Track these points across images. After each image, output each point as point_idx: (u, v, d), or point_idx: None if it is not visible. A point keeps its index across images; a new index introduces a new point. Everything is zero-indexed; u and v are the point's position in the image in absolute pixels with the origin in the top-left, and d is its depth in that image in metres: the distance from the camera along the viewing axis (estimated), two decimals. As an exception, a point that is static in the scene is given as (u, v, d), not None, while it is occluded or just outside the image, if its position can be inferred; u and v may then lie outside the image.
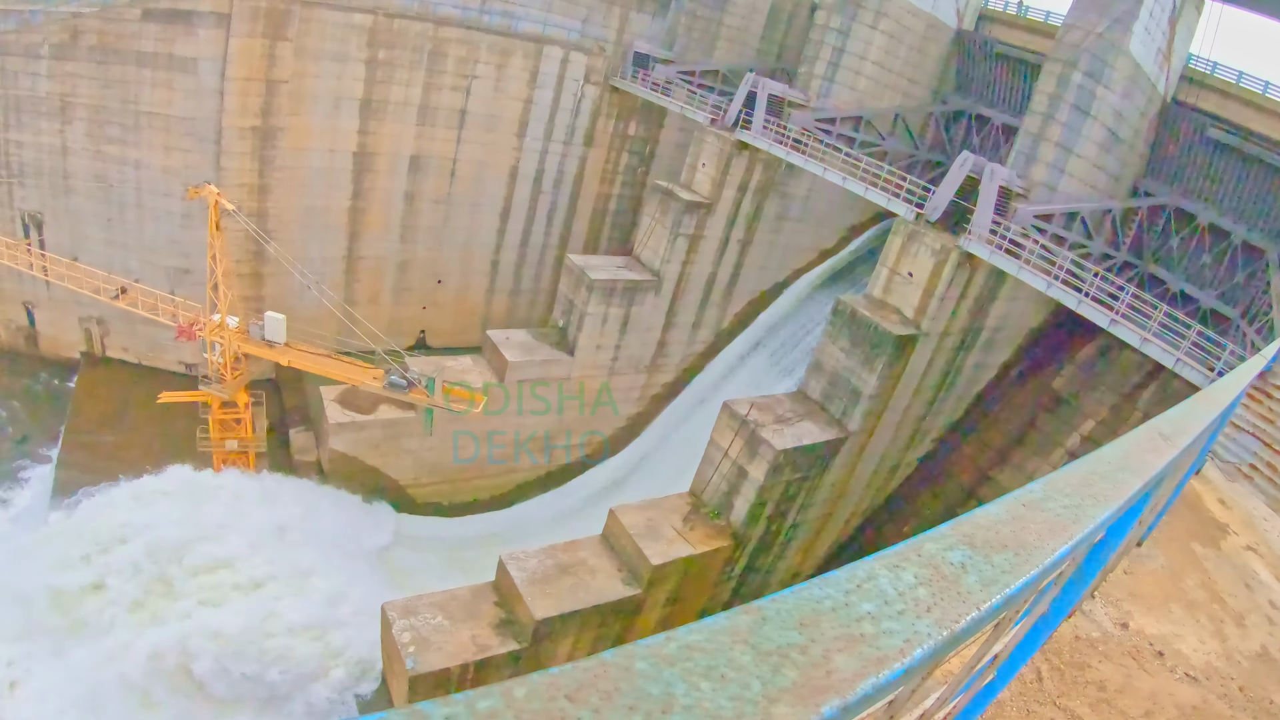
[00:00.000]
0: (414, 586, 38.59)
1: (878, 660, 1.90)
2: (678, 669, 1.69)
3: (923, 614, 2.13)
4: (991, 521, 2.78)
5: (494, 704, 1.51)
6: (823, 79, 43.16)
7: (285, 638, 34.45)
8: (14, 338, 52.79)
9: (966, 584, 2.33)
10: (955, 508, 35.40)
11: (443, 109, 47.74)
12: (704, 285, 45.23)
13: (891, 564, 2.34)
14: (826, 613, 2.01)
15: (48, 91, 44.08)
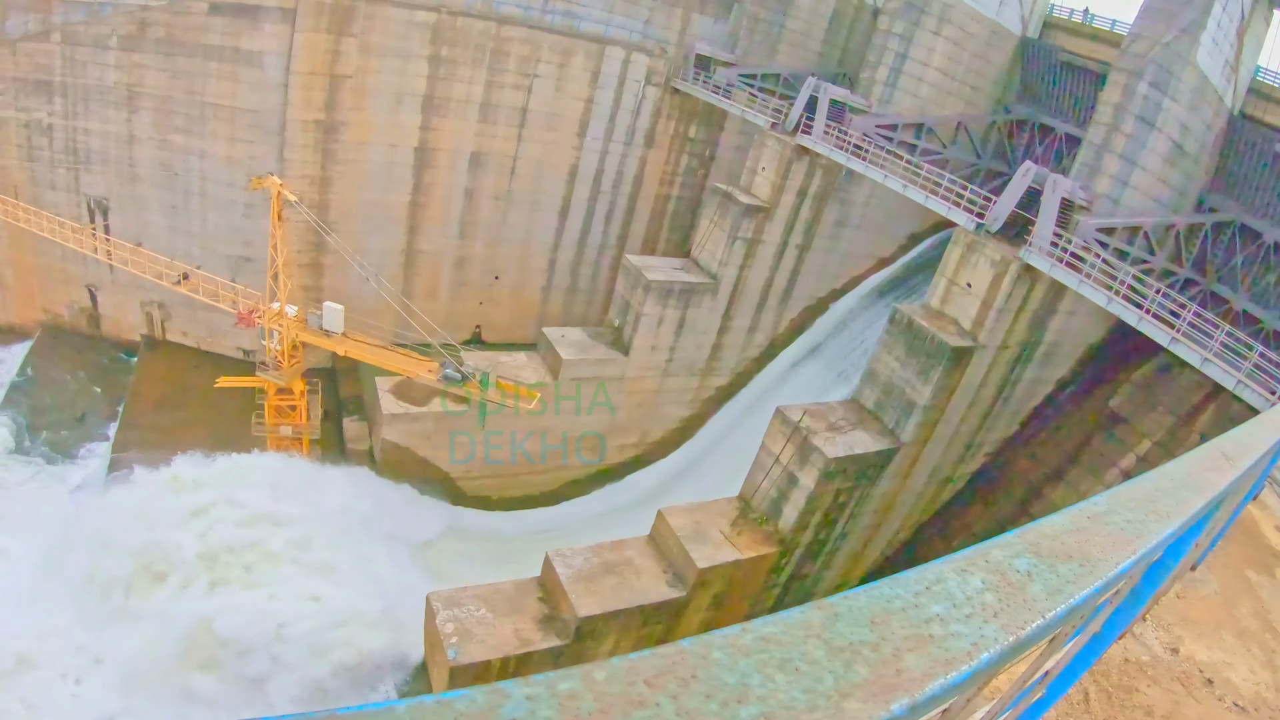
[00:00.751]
0: (459, 578, 38.93)
1: (946, 662, 1.99)
2: (753, 660, 1.83)
3: (989, 619, 2.21)
4: (1057, 531, 2.84)
5: (574, 686, 1.66)
6: (884, 85, 42.91)
7: (328, 622, 34.83)
8: (77, 319, 54.01)
9: (1032, 591, 2.40)
10: (1006, 524, 34.74)
11: (504, 107, 48.09)
12: (761, 290, 45.10)
13: (960, 568, 2.42)
14: (897, 612, 2.13)
15: (115, 81, 45.14)
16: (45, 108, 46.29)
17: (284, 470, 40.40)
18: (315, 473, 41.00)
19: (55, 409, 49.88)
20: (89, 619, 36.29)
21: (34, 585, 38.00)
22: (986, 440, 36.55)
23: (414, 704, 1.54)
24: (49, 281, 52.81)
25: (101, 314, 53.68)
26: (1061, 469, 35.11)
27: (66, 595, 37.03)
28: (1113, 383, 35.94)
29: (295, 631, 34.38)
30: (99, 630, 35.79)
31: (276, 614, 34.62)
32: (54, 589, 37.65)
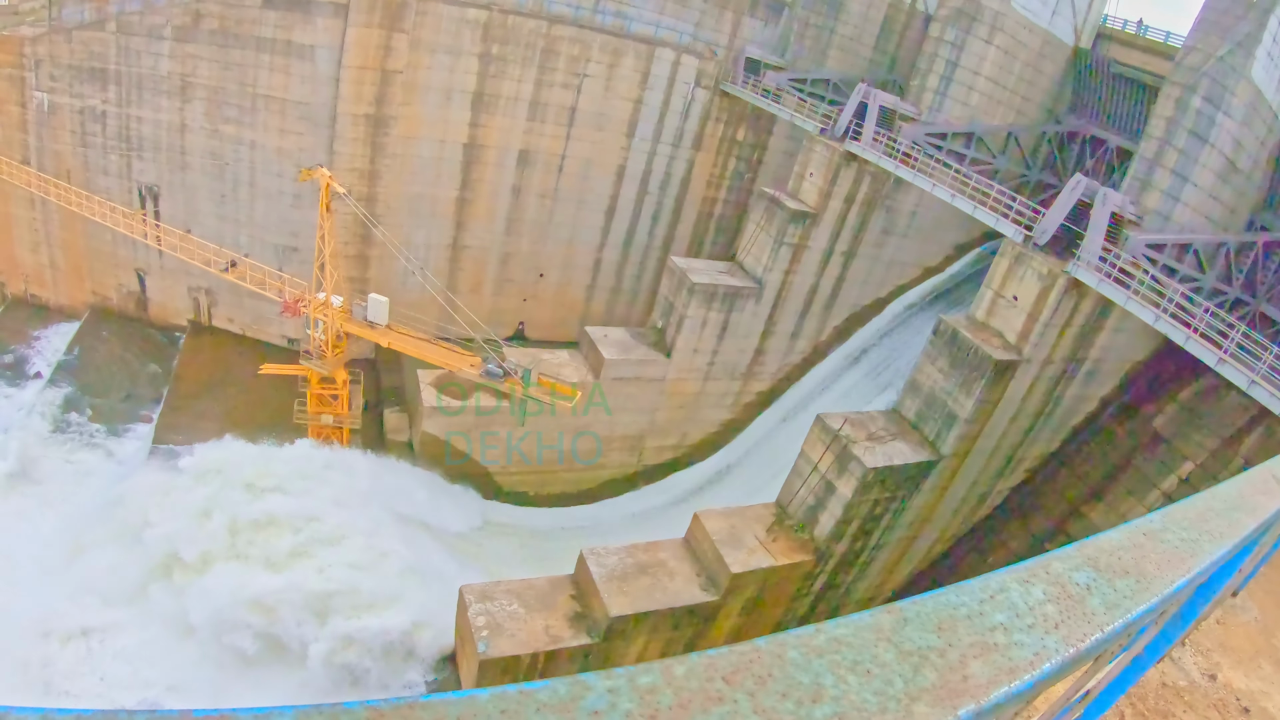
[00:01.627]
0: (492, 572, 39.51)
1: (1010, 670, 2.10)
2: (826, 660, 1.94)
3: (1051, 630, 2.31)
4: (1114, 546, 2.92)
5: (654, 680, 1.77)
6: (935, 92, 42.75)
7: (361, 609, 35.28)
8: (125, 302, 54.93)
9: (1091, 605, 2.50)
10: (1044, 542, 34.76)
11: (553, 105, 48.39)
12: (805, 296, 45.02)
13: (1022, 578, 2.53)
14: (962, 619, 2.24)
15: (169, 71, 46.06)
16: (99, 95, 47.23)
17: (323, 458, 40.86)
18: (354, 462, 41.35)
19: (100, 388, 50.76)
20: (124, 594, 37.22)
21: (71, 560, 39.01)
22: (1027, 456, 36.20)
23: (497, 693, 1.66)
24: (99, 264, 53.76)
25: (149, 298, 54.60)
26: (1101, 488, 34.78)
27: (103, 570, 37.95)
28: (1157, 402, 35.51)
29: (326, 616, 34.99)
30: (134, 606, 36.71)
31: (309, 599, 35.21)
32: (90, 564, 38.57)
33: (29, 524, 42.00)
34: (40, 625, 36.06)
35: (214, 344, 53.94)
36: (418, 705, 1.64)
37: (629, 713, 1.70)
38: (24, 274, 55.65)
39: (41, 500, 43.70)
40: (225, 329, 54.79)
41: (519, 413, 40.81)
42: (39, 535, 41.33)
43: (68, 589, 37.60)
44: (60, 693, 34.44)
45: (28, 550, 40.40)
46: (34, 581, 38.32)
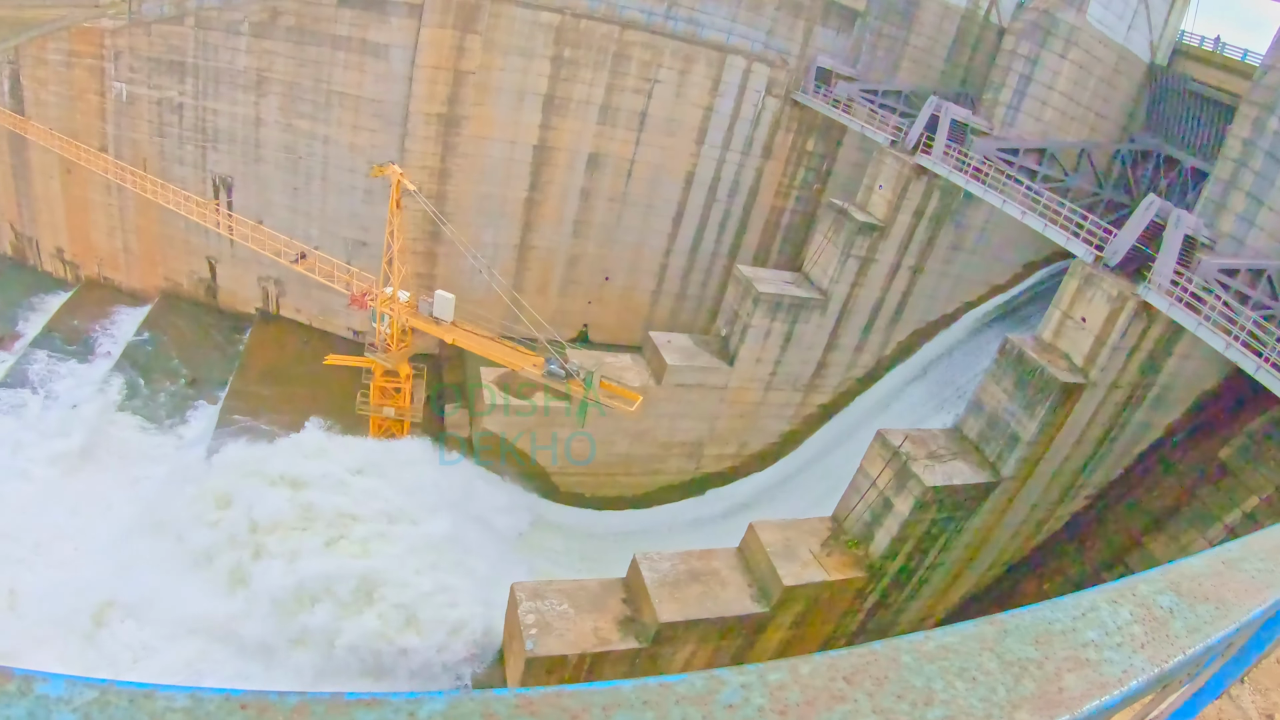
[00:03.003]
0: (544, 571, 40.07)
1: (1101, 685, 2.30)
2: (936, 666, 2.18)
3: (1137, 649, 2.51)
4: (1195, 573, 3.07)
5: (783, 677, 2.00)
6: (1007, 107, 42.45)
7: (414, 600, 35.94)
8: (196, 288, 56.28)
9: (1174, 628, 2.67)
10: (1101, 572, 34.27)
11: (624, 110, 48.78)
12: (870, 309, 44.89)
13: (1111, 598, 2.73)
14: (1057, 634, 2.47)
15: (245, 66, 47.43)
16: (176, 87, 48.71)
17: (383, 450, 41.75)
18: (413, 455, 42.00)
19: (168, 371, 52.09)
20: (182, 573, 38.23)
21: (132, 538, 40.25)
22: (1088, 482, 35.65)
23: (639, 684, 1.91)
24: (171, 251, 55.12)
25: (219, 285, 55.91)
26: (1163, 519, 34.17)
27: (162, 549, 39.07)
28: (1224, 433, 34.75)
29: (380, 605, 35.68)
30: (191, 585, 37.64)
31: (364, 587, 35.99)
32: (151, 543, 39.78)
33: (94, 500, 43.23)
34: (100, 599, 37.17)
35: (280, 333, 55.08)
36: (565, 694, 1.88)
37: (761, 708, 1.92)
38: (98, 257, 57.28)
39: (106, 477, 44.99)
40: (292, 319, 55.98)
41: (579, 414, 41.03)
42: (103, 511, 42.56)
43: (128, 565, 38.75)
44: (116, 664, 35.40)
45: (91, 525, 41.59)
46: (97, 556, 39.59)
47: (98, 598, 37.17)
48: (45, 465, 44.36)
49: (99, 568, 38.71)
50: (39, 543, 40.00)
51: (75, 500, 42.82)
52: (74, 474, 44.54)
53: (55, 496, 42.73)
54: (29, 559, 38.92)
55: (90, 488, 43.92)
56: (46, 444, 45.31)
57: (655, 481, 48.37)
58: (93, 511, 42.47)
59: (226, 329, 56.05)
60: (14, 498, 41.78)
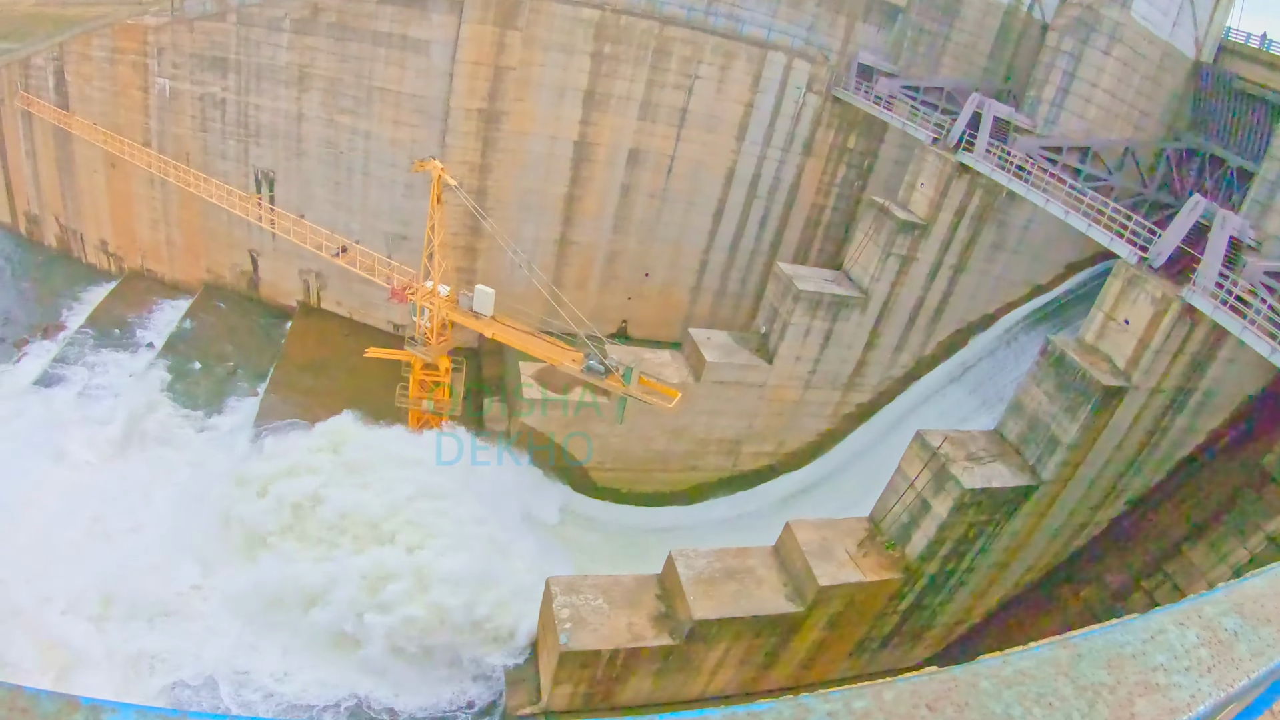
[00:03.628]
0: (580, 566, 40.53)
1: (1170, 710, 2.40)
2: (1014, 692, 2.28)
3: (1204, 673, 2.59)
4: (1259, 593, 3.12)
5: (867, 705, 2.11)
6: (1050, 104, 41.93)
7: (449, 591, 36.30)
8: (237, 281, 57.12)
9: (1239, 651, 2.73)
10: (1140, 578, 34.02)
11: (664, 106, 48.93)
12: (911, 308, 44.67)
13: (1178, 620, 2.81)
14: (1128, 658, 2.56)
15: (287, 62, 48.24)
16: (219, 83, 49.61)
17: (421, 443, 42.15)
18: (451, 448, 42.20)
19: (209, 362, 52.97)
20: (222, 560, 39.23)
21: (174, 524, 41.09)
22: (1129, 487, 35.22)
23: (727, 713, 2.02)
24: (214, 244, 55.96)
25: (261, 278, 56.69)
26: (1204, 527, 33.68)
27: (203, 537, 40.03)
28: (1267, 439, 34.20)
29: (416, 597, 36.15)
30: (232, 572, 38.60)
31: (397, 577, 36.53)
32: (192, 530, 40.58)
33: (135, 486, 44.02)
34: (141, 583, 38.06)
35: (321, 325, 55.79)
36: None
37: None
38: (141, 249, 58.20)
39: (148, 465, 45.80)
40: (333, 311, 56.74)
41: (618, 410, 41.19)
42: (144, 497, 43.33)
43: (168, 550, 39.65)
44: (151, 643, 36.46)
45: (133, 511, 42.37)
46: (139, 541, 40.42)
47: (139, 581, 38.01)
48: (88, 452, 45.28)
49: (140, 552, 39.53)
50: (82, 527, 40.75)
51: (117, 486, 43.60)
52: (116, 461, 45.43)
53: (98, 482, 43.52)
54: (73, 542, 39.61)
55: (132, 474, 44.74)
56: (90, 431, 46.21)
57: (692, 478, 48.55)
58: (134, 497, 43.22)
59: (268, 321, 56.84)
60: (58, 483, 42.63)
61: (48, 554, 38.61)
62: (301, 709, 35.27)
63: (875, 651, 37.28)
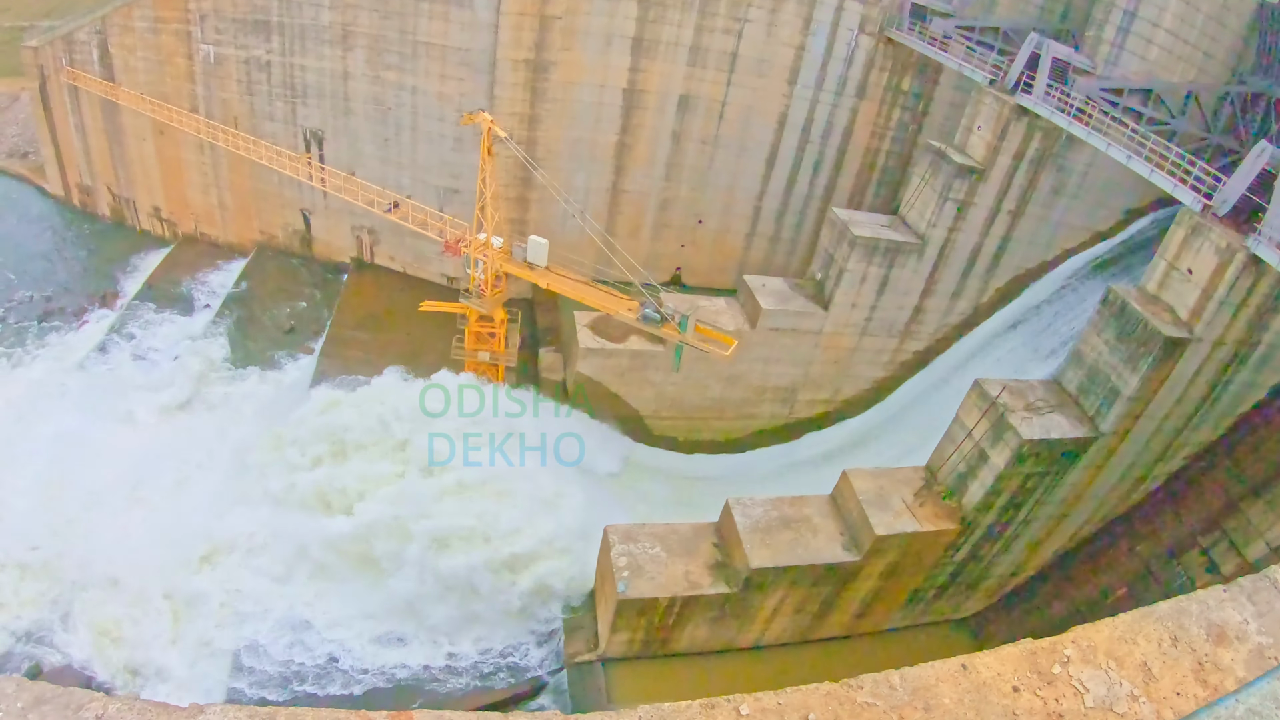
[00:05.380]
0: (637, 514, 41.45)
1: None
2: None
3: None
4: None
5: None
6: (1111, 45, 40.77)
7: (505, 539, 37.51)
8: (291, 240, 58.09)
9: None
10: (1197, 535, 33.78)
11: (713, 51, 48.76)
12: (968, 254, 44.23)
13: None
14: None
15: (330, 21, 49.01)
16: (263, 46, 50.64)
17: (478, 394, 42.71)
18: (508, 398, 43.18)
19: (266, 321, 54.23)
20: (282, 515, 40.66)
21: (234, 480, 42.93)
22: (1188, 442, 34.80)
23: None
24: (266, 205, 56.95)
25: (314, 236, 57.71)
26: (1263, 485, 33.03)
27: (263, 493, 41.47)
28: None
29: (475, 544, 37.42)
30: (292, 525, 40.02)
31: (457, 525, 37.69)
32: (254, 487, 42.08)
33: (196, 445, 45.87)
34: (205, 537, 40.13)
35: (375, 281, 56.83)
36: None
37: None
38: (194, 214, 59.47)
39: (208, 423, 47.55)
40: (386, 267, 57.81)
41: (674, 358, 41.55)
42: (205, 455, 45.23)
43: (230, 506, 41.59)
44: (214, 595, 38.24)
45: (194, 469, 44.35)
46: (205, 495, 42.46)
47: (202, 536, 40.06)
48: (149, 413, 47.05)
49: (203, 508, 41.48)
50: (146, 485, 42.71)
51: (178, 445, 45.46)
52: (178, 421, 47.05)
53: (160, 442, 45.45)
54: (136, 500, 41.66)
55: (192, 434, 46.48)
56: (150, 394, 47.96)
57: (748, 426, 49.05)
58: (195, 456, 44.79)
59: (322, 278, 57.85)
60: (121, 445, 44.51)
61: (114, 513, 40.43)
62: (358, 653, 36.77)
63: (929, 602, 37.86)
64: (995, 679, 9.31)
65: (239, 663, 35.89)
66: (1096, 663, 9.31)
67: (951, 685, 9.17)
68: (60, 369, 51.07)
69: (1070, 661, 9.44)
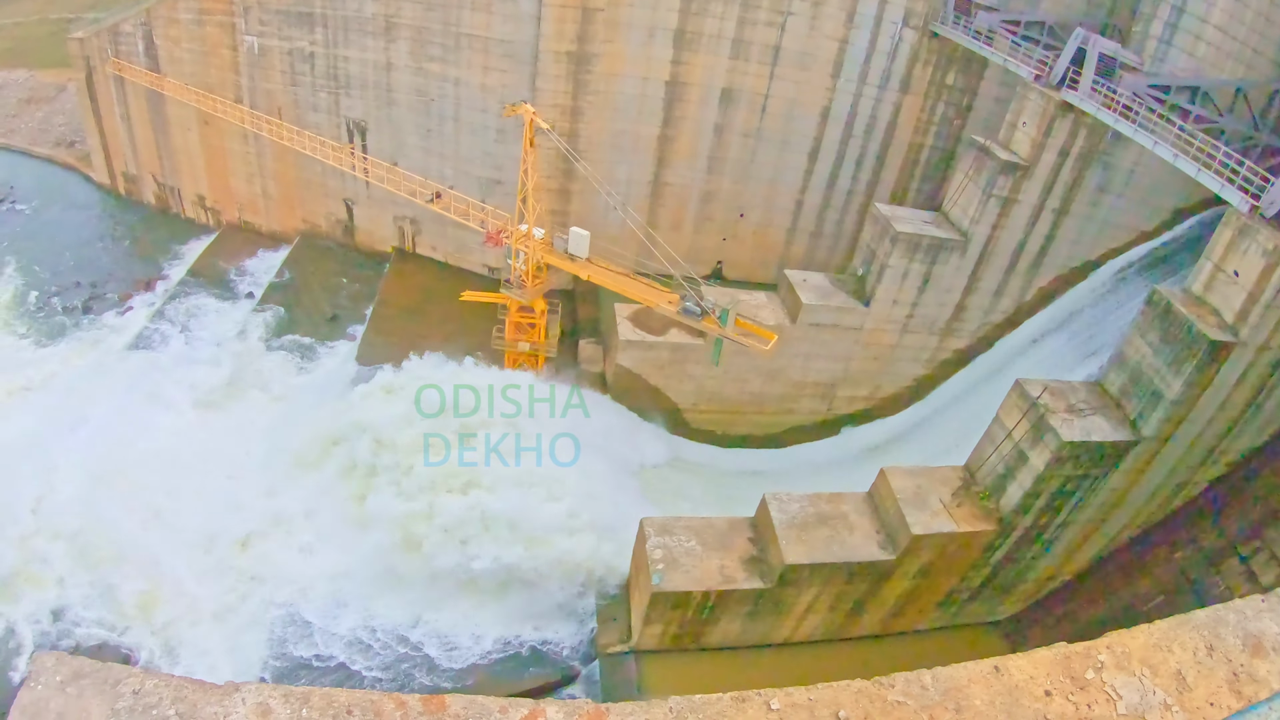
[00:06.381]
0: (672, 507, 41.68)
1: None
2: None
3: None
4: None
5: None
6: (1158, 40, 39.97)
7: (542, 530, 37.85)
8: (333, 229, 58.83)
9: None
10: (1237, 544, 33.29)
11: (756, 44, 48.78)
12: (1011, 252, 44.04)
13: None
14: None
15: (373, 13, 49.71)
16: (307, 37, 51.53)
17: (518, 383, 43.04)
18: (547, 389, 43.44)
19: (308, 308, 54.96)
20: (322, 499, 41.73)
21: (274, 464, 43.87)
22: (1231, 448, 34.27)
23: None
24: (309, 194, 57.65)
25: (356, 226, 58.45)
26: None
27: (301, 474, 42.79)
28: None
29: (511, 533, 37.79)
30: (332, 509, 41.11)
31: (494, 514, 38.14)
32: (293, 468, 43.31)
33: (237, 429, 46.69)
34: (245, 520, 40.90)
35: (417, 270, 57.49)
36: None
37: None
38: (238, 202, 60.28)
39: (250, 408, 48.50)
40: (428, 256, 58.58)
41: (714, 352, 41.65)
42: (246, 440, 45.94)
43: (272, 487, 42.56)
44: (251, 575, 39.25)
45: (238, 451, 44.96)
46: (244, 480, 43.24)
47: (242, 518, 40.88)
48: (191, 397, 47.73)
49: (243, 491, 42.33)
50: (187, 467, 43.28)
51: (220, 429, 46.29)
52: (218, 405, 47.72)
53: (201, 426, 46.26)
54: (177, 482, 42.26)
55: (234, 418, 47.33)
56: (193, 378, 48.71)
57: (786, 421, 49.18)
58: (236, 439, 45.45)
59: (364, 268, 58.54)
60: (163, 427, 45.28)
61: (156, 494, 41.25)
62: (393, 637, 37.35)
63: (964, 603, 37.73)
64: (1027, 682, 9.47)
65: (274, 643, 36.68)
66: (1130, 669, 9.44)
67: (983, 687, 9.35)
68: (105, 353, 52.14)
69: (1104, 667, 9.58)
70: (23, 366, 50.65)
